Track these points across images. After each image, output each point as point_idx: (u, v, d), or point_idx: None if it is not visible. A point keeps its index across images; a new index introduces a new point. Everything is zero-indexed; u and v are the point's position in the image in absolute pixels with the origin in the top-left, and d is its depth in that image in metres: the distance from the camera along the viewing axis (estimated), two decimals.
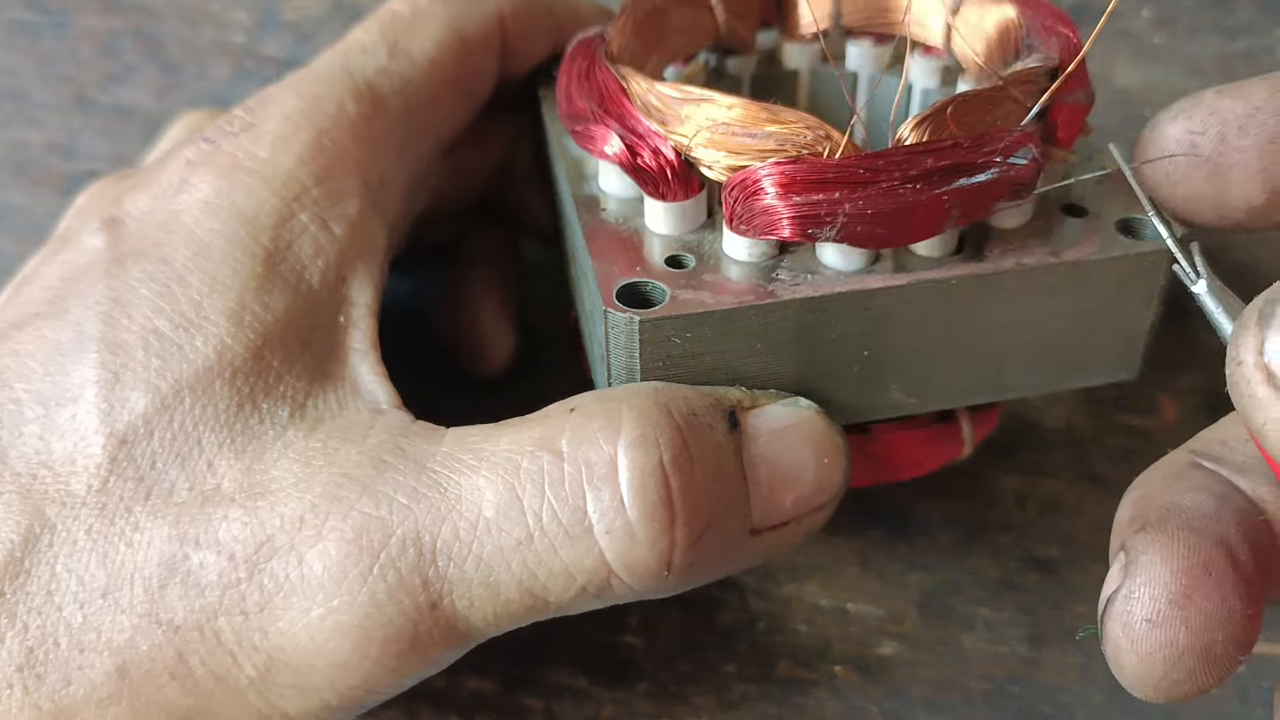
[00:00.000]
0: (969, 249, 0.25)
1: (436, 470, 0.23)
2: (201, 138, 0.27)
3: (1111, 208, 0.26)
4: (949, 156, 0.23)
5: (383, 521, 0.22)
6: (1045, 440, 0.36)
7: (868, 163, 0.23)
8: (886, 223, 0.23)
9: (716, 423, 0.23)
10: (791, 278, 0.24)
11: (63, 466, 0.23)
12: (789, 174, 0.23)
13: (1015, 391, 0.27)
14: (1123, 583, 0.21)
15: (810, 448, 0.24)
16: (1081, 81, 0.26)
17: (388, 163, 0.28)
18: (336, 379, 0.25)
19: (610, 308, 0.23)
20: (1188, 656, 0.20)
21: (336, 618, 0.22)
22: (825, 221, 0.23)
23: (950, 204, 0.23)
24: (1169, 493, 0.22)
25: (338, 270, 0.26)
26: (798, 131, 0.23)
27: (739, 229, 0.24)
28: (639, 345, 0.24)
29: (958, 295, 0.25)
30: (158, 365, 0.23)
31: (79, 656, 0.22)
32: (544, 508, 0.22)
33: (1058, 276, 0.25)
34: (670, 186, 0.25)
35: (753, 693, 0.30)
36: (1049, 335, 0.26)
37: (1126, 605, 0.21)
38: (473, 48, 0.30)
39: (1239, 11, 0.45)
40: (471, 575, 0.22)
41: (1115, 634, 0.21)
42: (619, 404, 0.23)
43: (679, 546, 0.22)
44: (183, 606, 0.22)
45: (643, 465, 0.22)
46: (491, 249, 0.36)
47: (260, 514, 0.22)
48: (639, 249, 0.25)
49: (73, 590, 0.22)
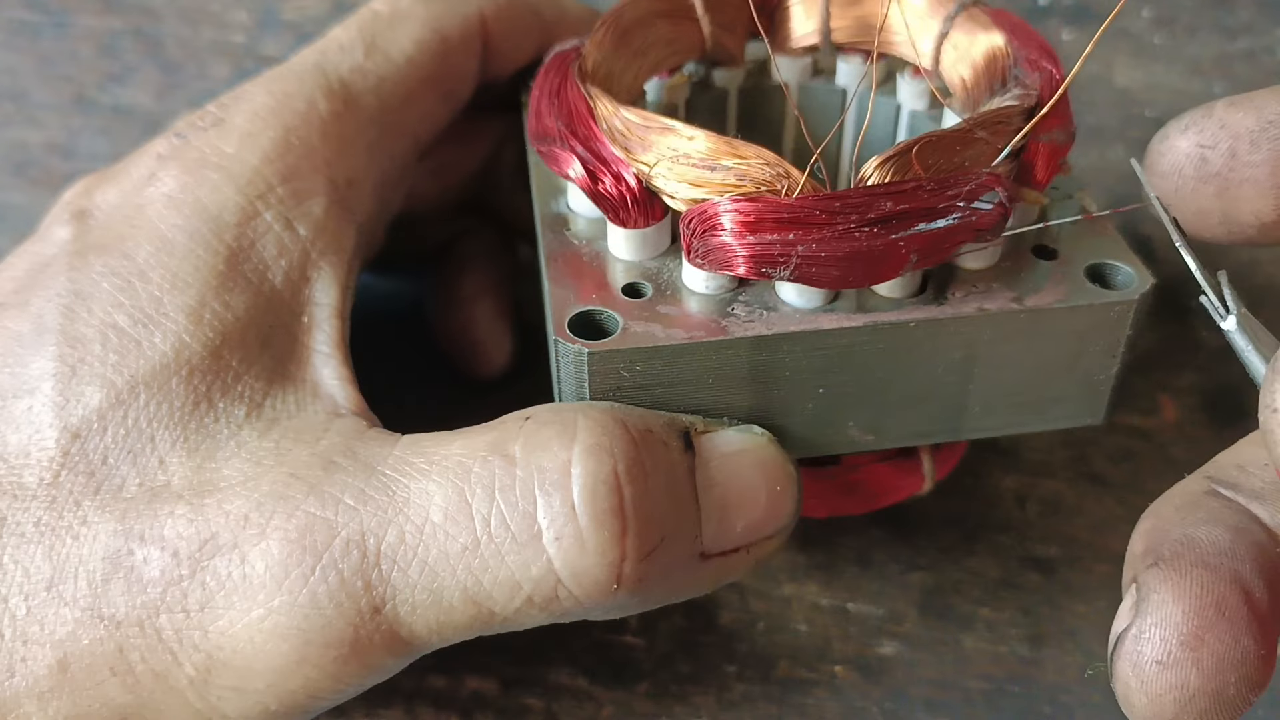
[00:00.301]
0: (932, 289, 0.25)
1: (386, 473, 0.22)
2: (173, 132, 0.27)
3: (1083, 250, 0.25)
4: (909, 200, 0.22)
5: (327, 522, 0.22)
6: (1045, 440, 0.36)
7: (824, 204, 0.22)
8: (841, 265, 0.23)
9: (671, 440, 0.23)
10: (747, 313, 0.24)
11: (16, 459, 0.23)
12: (745, 212, 0.23)
13: (975, 433, 0.27)
14: (1133, 621, 0.20)
15: (762, 474, 0.24)
16: (1061, 120, 0.25)
17: (357, 162, 0.27)
18: (296, 380, 0.25)
19: (560, 337, 0.23)
20: (1199, 699, 0.20)
21: (276, 618, 0.21)
22: (779, 262, 0.23)
23: (907, 249, 0.23)
24: (1183, 524, 0.22)
25: (301, 270, 0.26)
26: (757, 167, 0.23)
27: (696, 262, 0.24)
28: (588, 375, 0.23)
29: (916, 337, 0.24)
30: (114, 360, 0.23)
31: (22, 648, 0.22)
32: (493, 513, 0.22)
33: (1021, 323, 0.24)
34: (630, 213, 0.25)
35: (753, 693, 0.30)
36: (1011, 380, 0.25)
37: (1137, 645, 0.20)
38: (453, 48, 0.29)
39: (1239, 11, 0.45)
40: (415, 580, 0.22)
41: (1125, 674, 0.20)
42: (574, 414, 0.23)
43: (629, 559, 0.22)
44: (125, 602, 0.22)
45: (595, 472, 0.21)
46: (485, 251, 0.36)
47: (206, 511, 0.22)
48: (600, 273, 0.25)
49: (18, 582, 0.22)
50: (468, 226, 0.36)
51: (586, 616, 0.23)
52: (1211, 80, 0.43)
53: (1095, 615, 0.32)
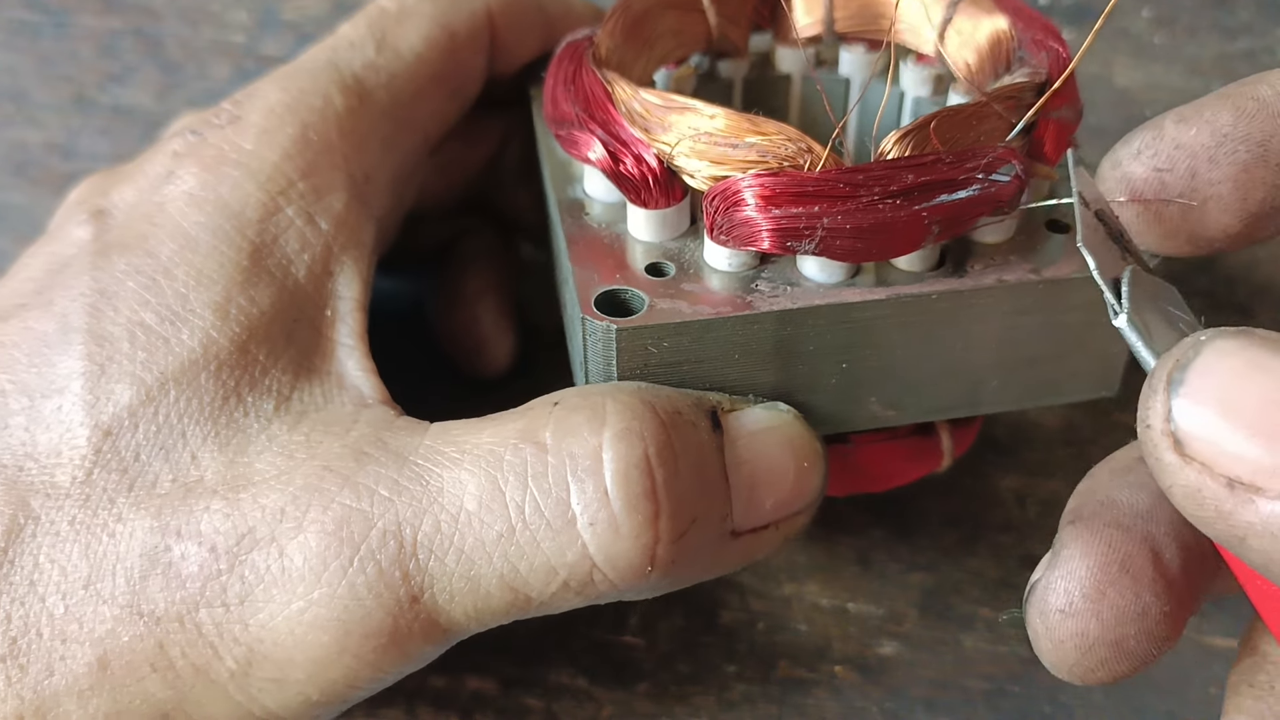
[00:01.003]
0: (950, 263, 0.25)
1: (419, 463, 0.22)
2: (189, 130, 0.27)
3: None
4: (930, 172, 0.23)
5: (363, 514, 0.22)
6: (1045, 440, 0.36)
7: (848, 177, 0.23)
8: (865, 237, 0.23)
9: (700, 421, 0.23)
10: (770, 289, 0.24)
11: (48, 458, 0.23)
12: (769, 186, 0.23)
13: (994, 407, 0.27)
14: (1045, 574, 0.21)
15: (789, 451, 0.24)
16: (1069, 97, 0.25)
17: (373, 157, 0.28)
18: (322, 373, 0.25)
19: (588, 315, 0.23)
20: (1099, 647, 0.21)
21: (316, 610, 0.22)
22: (804, 235, 0.23)
23: (930, 220, 0.23)
24: (1109, 487, 0.22)
25: (324, 264, 0.26)
26: (779, 143, 0.23)
27: (719, 239, 0.24)
28: (616, 353, 0.23)
29: (937, 310, 0.24)
30: (143, 358, 0.23)
31: (61, 647, 0.22)
32: (526, 500, 0.22)
33: (1038, 294, 0.25)
34: (652, 194, 0.25)
35: (753, 693, 0.30)
36: (1029, 352, 0.26)
37: (1045, 595, 0.21)
38: (460, 44, 0.30)
39: (1239, 11, 0.45)
40: (452, 569, 0.22)
41: (1033, 620, 0.21)
42: (603, 398, 0.23)
43: (663, 541, 0.22)
44: (164, 598, 0.22)
45: (627, 457, 0.22)
46: (487, 250, 0.36)
47: (242, 506, 0.22)
48: (621, 255, 0.25)
49: (55, 581, 0.22)
50: (469, 225, 0.37)
51: (620, 598, 0.23)
52: (1211, 80, 0.43)
53: None
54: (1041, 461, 0.35)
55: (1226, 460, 0.17)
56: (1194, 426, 0.17)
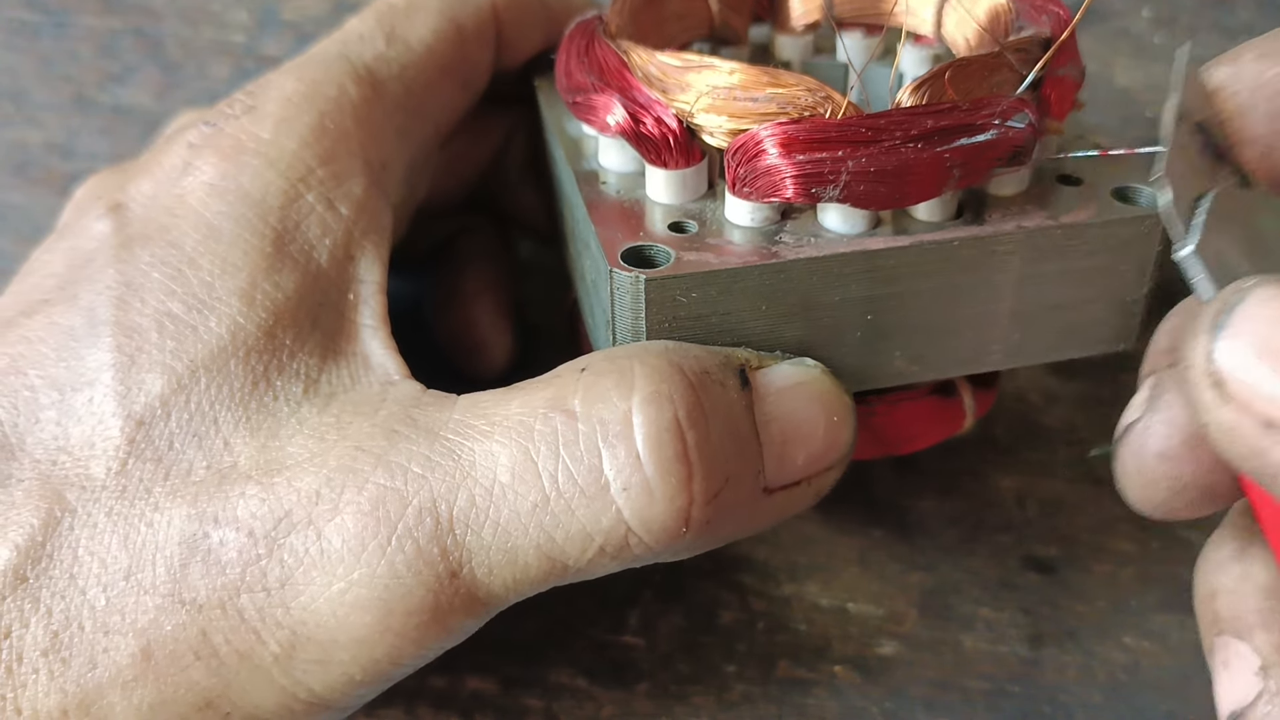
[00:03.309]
0: (969, 215, 0.25)
1: (449, 438, 0.23)
2: (203, 122, 0.27)
3: (1105, 178, 0.27)
4: (948, 118, 0.23)
5: (398, 492, 0.22)
6: (1045, 440, 0.36)
7: (869, 122, 0.23)
8: (889, 181, 0.23)
9: (728, 380, 0.23)
10: (795, 240, 0.25)
11: (81, 451, 0.23)
12: (792, 133, 0.23)
13: (1014, 360, 0.27)
14: (1144, 415, 0.22)
15: (819, 406, 0.24)
16: (1072, 55, 0.26)
17: (389, 146, 0.28)
18: (348, 354, 0.25)
19: (616, 268, 0.23)
20: (1190, 490, 0.22)
21: (357, 591, 0.22)
22: (828, 180, 0.23)
23: (951, 163, 0.23)
24: None
25: (345, 249, 0.26)
26: (799, 94, 0.24)
27: (742, 192, 0.24)
28: (645, 305, 0.24)
29: (959, 257, 0.25)
30: (172, 347, 0.24)
31: (104, 639, 0.22)
32: (559, 469, 0.22)
33: (1056, 239, 0.25)
34: (673, 153, 0.25)
35: (753, 693, 0.30)
36: (1048, 301, 0.26)
37: (1142, 437, 0.22)
38: (468, 37, 0.30)
39: (1239, 11, 0.45)
40: (489, 542, 0.22)
41: (1126, 460, 0.22)
42: (630, 361, 0.23)
43: (697, 502, 0.22)
44: (205, 585, 0.22)
45: (657, 421, 0.22)
46: (485, 248, 0.36)
47: (277, 490, 0.22)
48: (640, 218, 0.26)
49: (95, 573, 0.22)
50: (467, 224, 0.37)
51: (657, 560, 0.23)
52: None
53: (1095, 615, 0.32)
54: (1041, 461, 0.35)
55: (1262, 402, 0.17)
56: (1233, 367, 0.18)
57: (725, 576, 0.32)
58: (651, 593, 0.32)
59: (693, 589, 0.32)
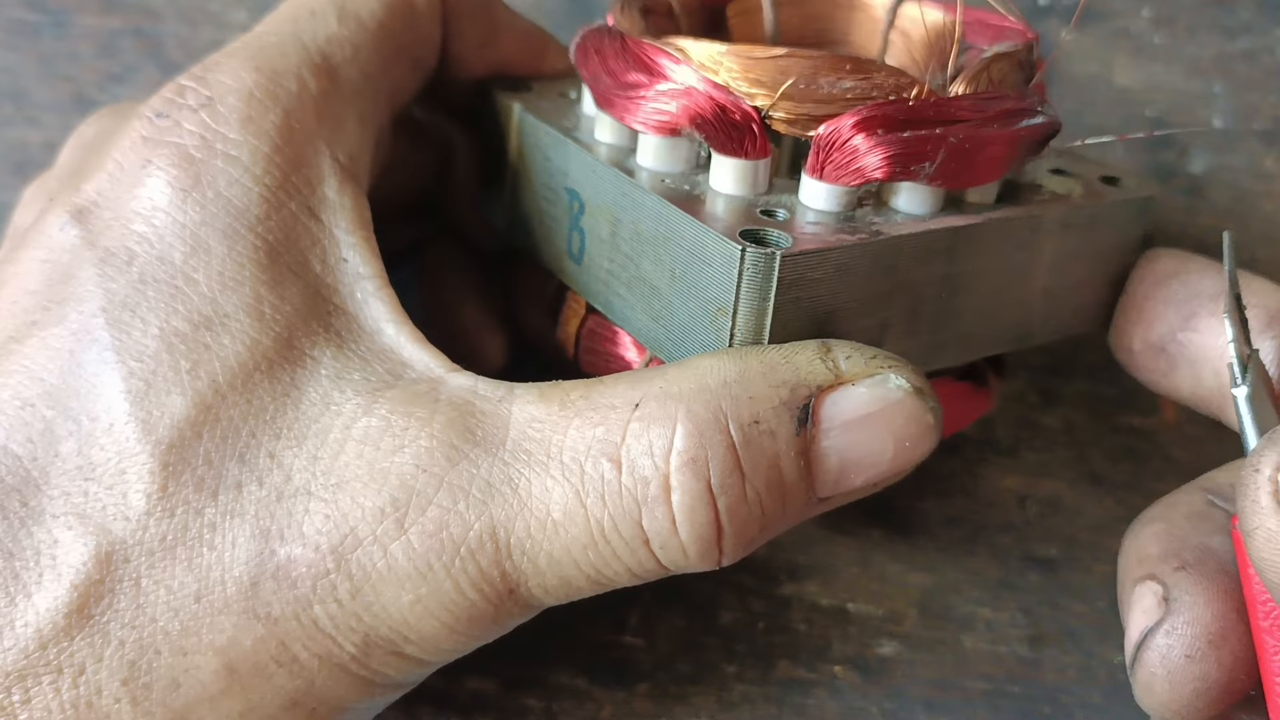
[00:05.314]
0: (1006, 200, 0.27)
1: (508, 462, 0.23)
2: (150, 111, 0.26)
3: (1088, 168, 0.30)
4: (1010, 102, 0.25)
5: (460, 516, 0.22)
6: (1045, 440, 0.36)
7: (955, 104, 0.25)
8: (973, 159, 0.25)
9: (781, 428, 0.23)
10: (884, 221, 0.25)
11: (111, 480, 0.23)
12: (891, 114, 0.24)
13: (1042, 337, 0.29)
14: (1165, 619, 0.23)
15: (890, 435, 0.23)
16: (1041, 63, 0.29)
17: (353, 136, 0.27)
18: (377, 353, 0.25)
19: (749, 246, 0.23)
20: (1214, 689, 0.23)
21: (426, 604, 0.22)
22: (928, 157, 0.24)
23: (1023, 141, 0.25)
24: (1198, 534, 0.25)
25: (337, 254, 0.26)
26: (883, 79, 0.24)
27: (831, 176, 0.25)
28: (775, 286, 0.23)
29: (1017, 235, 0.26)
30: (188, 367, 0.23)
31: (183, 660, 0.22)
32: (605, 517, 0.23)
33: (1081, 217, 0.27)
34: (756, 141, 0.25)
35: (753, 693, 0.30)
36: (1070, 280, 0.28)
37: (1169, 640, 0.23)
38: (418, 11, 0.29)
39: (1239, 11, 0.45)
40: (544, 568, 0.23)
41: (1153, 664, 0.24)
42: (678, 408, 0.23)
43: (726, 554, 0.23)
44: (278, 600, 0.22)
45: (693, 490, 0.22)
46: (454, 252, 0.36)
47: (340, 506, 0.23)
48: (711, 210, 0.25)
49: (164, 600, 0.22)
50: (424, 232, 0.36)
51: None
52: (1211, 80, 0.43)
53: (1095, 615, 0.32)
54: (1041, 461, 0.35)
55: None
56: None
57: (725, 576, 0.32)
58: (651, 593, 0.32)
59: (693, 589, 0.32)
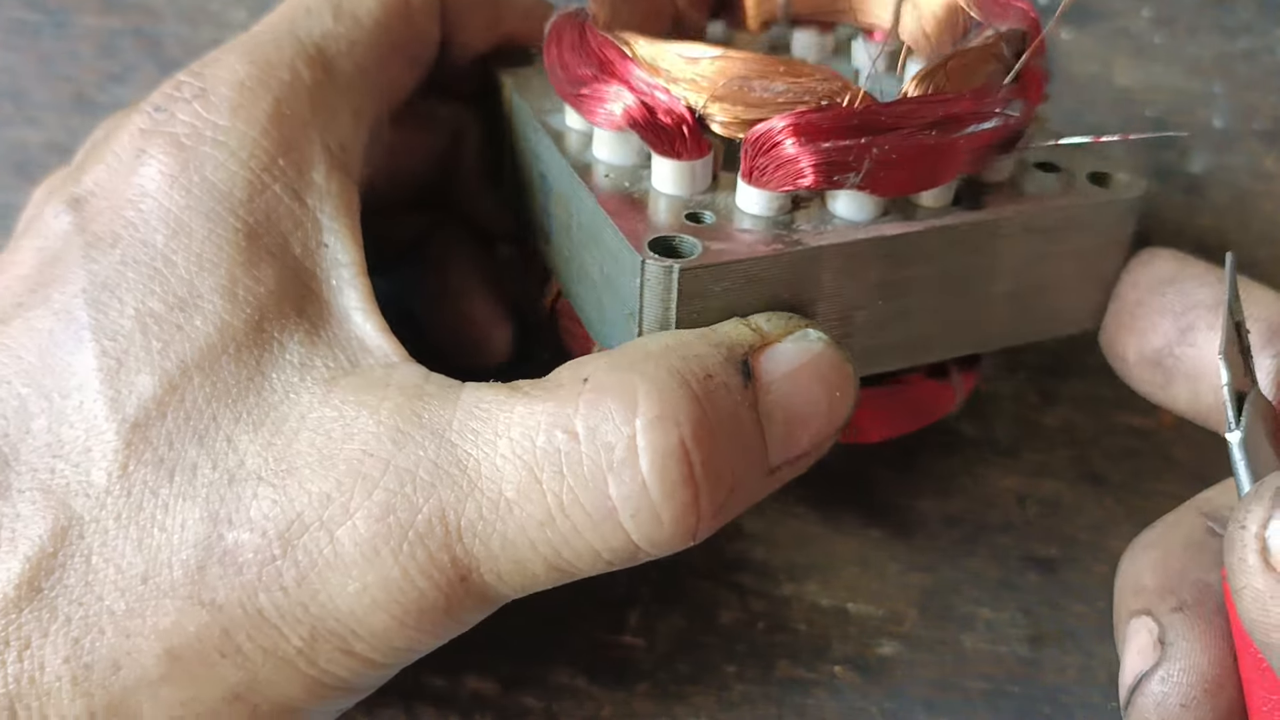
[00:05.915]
0: (966, 201, 0.26)
1: (455, 443, 0.23)
2: (150, 106, 0.27)
3: (1080, 165, 0.28)
4: (958, 106, 0.24)
5: (407, 499, 0.22)
6: (1045, 440, 0.36)
7: (888, 110, 0.24)
8: (908, 167, 0.24)
9: (732, 380, 0.23)
10: (813, 228, 0.25)
11: (78, 457, 0.23)
12: (815, 121, 0.23)
13: (1010, 340, 0.28)
14: (1160, 664, 0.23)
15: (822, 385, 0.24)
16: (1042, 49, 0.27)
17: (345, 127, 0.27)
18: (341, 340, 0.25)
19: (648, 258, 0.23)
20: None
21: (373, 593, 0.22)
22: (851, 167, 0.24)
23: (964, 149, 0.24)
24: (1196, 567, 0.24)
25: (318, 239, 0.26)
26: (816, 83, 0.24)
27: (760, 181, 0.24)
28: (676, 296, 0.23)
29: (966, 241, 0.26)
30: (159, 347, 0.23)
31: (126, 642, 0.22)
32: (564, 490, 0.22)
33: (1051, 221, 0.26)
34: (686, 144, 0.25)
35: (753, 693, 0.30)
36: (1038, 283, 0.27)
37: (1163, 687, 0.23)
38: (415, 9, 0.29)
39: (1239, 11, 0.45)
40: (498, 552, 0.22)
41: (1147, 710, 0.23)
42: (633, 375, 0.22)
43: (703, 518, 0.22)
44: (223, 585, 0.22)
45: (663, 447, 0.22)
46: (461, 244, 0.36)
47: (288, 491, 0.22)
48: (648, 211, 0.25)
49: (112, 579, 0.22)
50: (438, 220, 0.36)
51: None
52: (1211, 80, 0.43)
53: (1095, 615, 0.32)
54: (1041, 461, 0.35)
55: None
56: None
57: (725, 576, 0.32)
58: (651, 593, 0.32)
59: (693, 589, 0.32)
